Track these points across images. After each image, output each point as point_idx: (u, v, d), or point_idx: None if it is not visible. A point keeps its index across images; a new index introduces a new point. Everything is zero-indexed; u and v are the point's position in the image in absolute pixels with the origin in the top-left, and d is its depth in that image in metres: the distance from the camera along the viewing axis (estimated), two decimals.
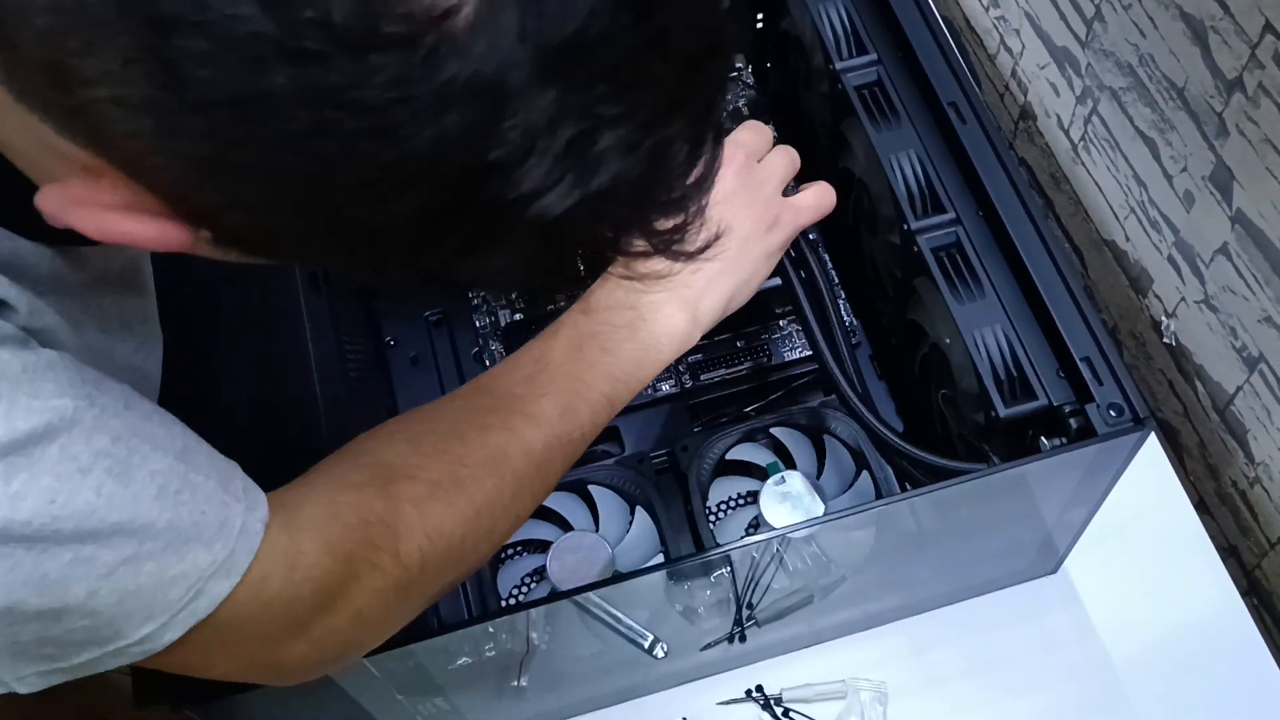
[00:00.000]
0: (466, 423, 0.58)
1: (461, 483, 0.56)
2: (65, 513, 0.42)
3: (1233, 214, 0.76)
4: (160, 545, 0.45)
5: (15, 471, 0.41)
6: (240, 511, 0.48)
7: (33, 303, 0.45)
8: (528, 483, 0.59)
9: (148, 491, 0.45)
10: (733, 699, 0.79)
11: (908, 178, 0.72)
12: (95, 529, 0.43)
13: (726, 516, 0.82)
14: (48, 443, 0.42)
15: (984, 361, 0.66)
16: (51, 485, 0.42)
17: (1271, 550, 0.84)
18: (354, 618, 0.53)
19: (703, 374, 0.87)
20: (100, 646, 0.45)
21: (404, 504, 0.54)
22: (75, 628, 0.44)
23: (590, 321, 0.64)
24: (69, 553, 0.43)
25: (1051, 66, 0.96)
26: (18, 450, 0.42)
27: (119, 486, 0.44)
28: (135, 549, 0.44)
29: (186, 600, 0.46)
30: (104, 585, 0.44)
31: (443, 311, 0.90)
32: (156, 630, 0.46)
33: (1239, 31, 0.70)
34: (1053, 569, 0.82)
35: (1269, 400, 0.79)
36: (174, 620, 0.46)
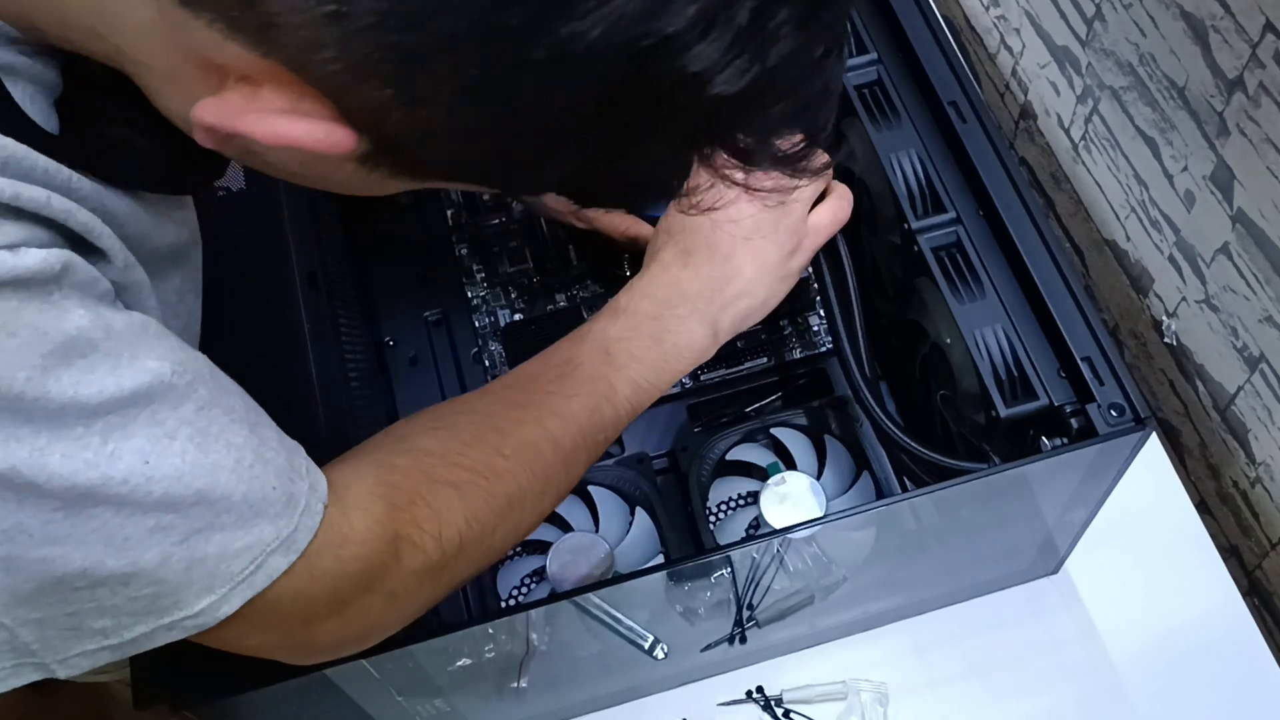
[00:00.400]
0: (501, 415, 0.60)
1: (499, 473, 0.57)
2: (156, 474, 0.43)
3: (1233, 213, 0.76)
4: (233, 517, 0.46)
5: (112, 430, 0.42)
6: (305, 489, 0.49)
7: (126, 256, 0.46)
8: (555, 478, 0.61)
9: (225, 462, 0.45)
10: (733, 700, 0.78)
11: (908, 177, 0.72)
12: (180, 495, 0.44)
13: (727, 517, 0.81)
14: (144, 405, 0.43)
15: (985, 361, 0.66)
16: (143, 447, 0.43)
17: (1272, 550, 0.84)
18: (389, 598, 0.53)
19: (703, 374, 0.87)
20: (158, 618, 0.46)
21: (447, 488, 0.55)
22: (140, 595, 0.45)
23: (618, 328, 0.66)
24: (152, 519, 0.43)
25: (1052, 66, 0.96)
26: (118, 409, 0.42)
27: (200, 455, 0.45)
28: (210, 519, 0.45)
29: (248, 573, 0.47)
30: (176, 552, 0.44)
31: (442, 311, 0.90)
32: (214, 602, 0.46)
33: (1239, 31, 0.70)
34: (1054, 569, 0.82)
35: (1270, 400, 0.79)
36: (232, 593, 0.47)
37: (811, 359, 0.87)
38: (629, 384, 0.64)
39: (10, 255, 0.39)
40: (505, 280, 0.92)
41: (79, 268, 0.42)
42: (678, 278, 0.68)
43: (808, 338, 0.88)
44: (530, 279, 0.91)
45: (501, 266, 0.92)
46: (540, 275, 0.91)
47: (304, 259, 0.71)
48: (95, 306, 0.43)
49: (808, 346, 0.87)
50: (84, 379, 0.41)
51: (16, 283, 0.39)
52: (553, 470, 0.60)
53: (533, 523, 0.61)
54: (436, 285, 0.91)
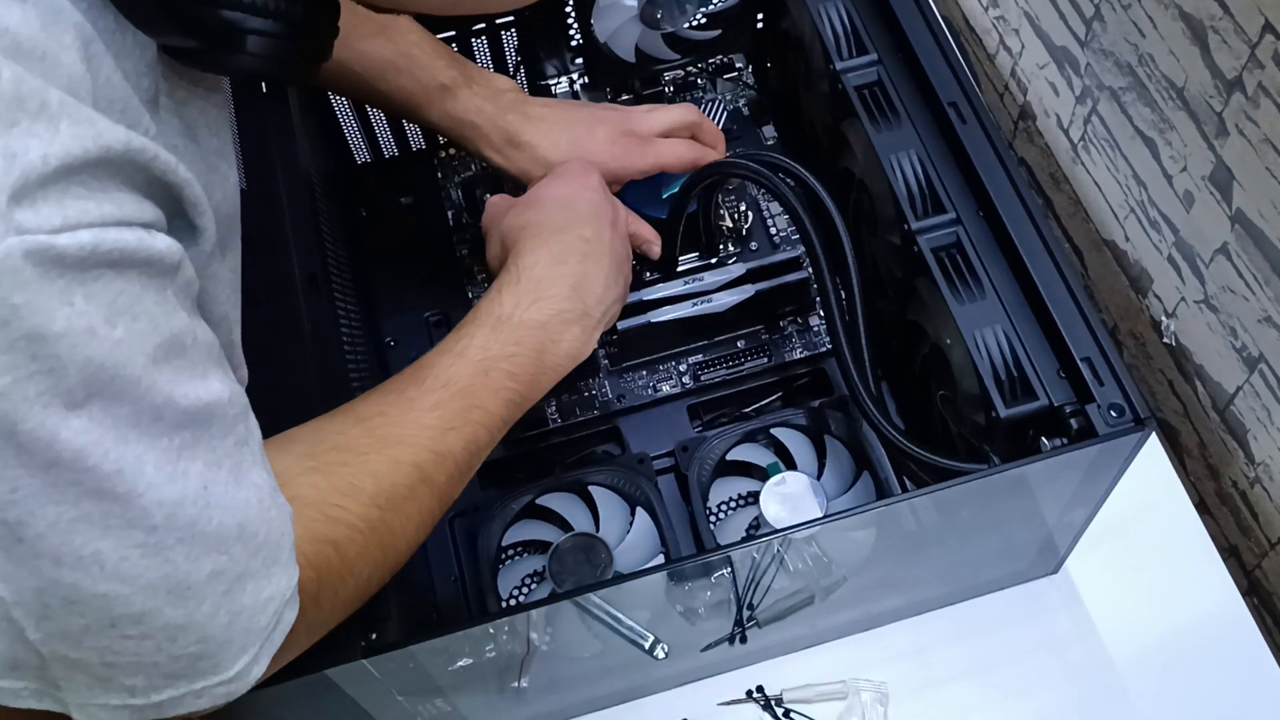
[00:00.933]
0: (378, 457, 0.57)
1: (374, 525, 0.55)
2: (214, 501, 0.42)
3: (1232, 214, 0.76)
4: (259, 561, 0.44)
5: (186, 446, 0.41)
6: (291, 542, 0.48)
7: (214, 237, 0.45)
8: (430, 517, 0.60)
9: (253, 499, 0.44)
10: (733, 699, 0.79)
11: (908, 178, 0.72)
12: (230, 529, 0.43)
13: (727, 517, 0.82)
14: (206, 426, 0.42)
15: (984, 362, 0.66)
16: (203, 471, 0.42)
17: (1272, 550, 0.84)
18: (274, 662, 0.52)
19: (703, 374, 0.87)
20: (191, 681, 0.44)
21: (325, 545, 0.53)
22: (182, 654, 0.43)
23: (499, 342, 0.64)
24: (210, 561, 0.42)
25: (1051, 66, 0.96)
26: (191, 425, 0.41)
27: (236, 489, 0.43)
28: (246, 561, 0.44)
29: (271, 626, 0.45)
30: (224, 604, 0.43)
31: (443, 312, 0.90)
32: (248, 664, 0.45)
33: (1238, 31, 0.70)
34: (1054, 569, 0.82)
35: (1269, 400, 0.79)
36: (262, 650, 0.45)
37: (812, 359, 0.87)
38: (507, 405, 0.63)
39: (147, 235, 0.38)
40: None
41: (187, 266, 0.41)
42: (556, 276, 0.68)
43: (808, 338, 0.88)
44: None
45: None
46: None
47: (305, 260, 0.72)
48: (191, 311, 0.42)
49: (808, 346, 0.87)
50: (178, 380, 0.40)
51: (146, 265, 0.38)
52: (427, 511, 0.59)
53: (407, 557, 0.60)
54: (437, 285, 0.91)
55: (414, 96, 0.78)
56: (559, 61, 0.98)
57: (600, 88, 0.99)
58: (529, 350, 0.65)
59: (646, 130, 0.82)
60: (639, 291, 0.84)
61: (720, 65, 1.01)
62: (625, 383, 0.87)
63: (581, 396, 0.86)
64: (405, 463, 0.58)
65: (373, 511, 0.55)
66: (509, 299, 0.67)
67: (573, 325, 0.67)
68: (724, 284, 0.84)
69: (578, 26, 0.93)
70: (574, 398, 0.86)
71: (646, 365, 0.87)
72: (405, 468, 0.58)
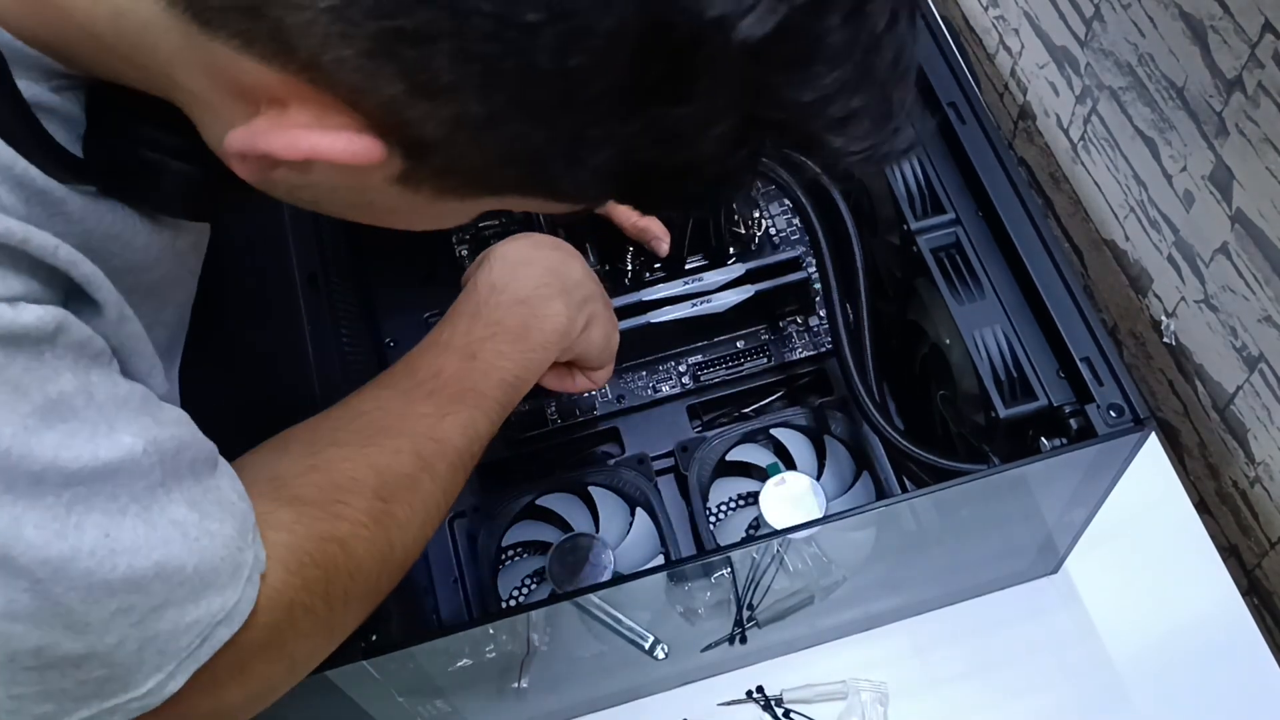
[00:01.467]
0: (376, 448, 0.57)
1: (379, 518, 0.55)
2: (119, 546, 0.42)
3: (1232, 213, 0.76)
4: (185, 590, 0.44)
5: (77, 501, 0.41)
6: (250, 559, 0.48)
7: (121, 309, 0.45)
8: (435, 508, 0.59)
9: (173, 535, 0.44)
10: (733, 700, 0.79)
11: (907, 178, 0.72)
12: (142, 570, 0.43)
13: (727, 517, 0.82)
14: (108, 480, 0.42)
15: (984, 362, 0.66)
16: (101, 521, 0.42)
17: (1272, 550, 0.84)
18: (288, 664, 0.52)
19: (703, 375, 0.87)
20: (103, 700, 0.44)
21: (331, 544, 0.53)
22: (89, 679, 0.43)
23: (482, 326, 0.64)
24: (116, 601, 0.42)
25: (1051, 66, 0.96)
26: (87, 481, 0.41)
27: (148, 530, 0.43)
28: (166, 594, 0.44)
29: (194, 647, 0.45)
30: (133, 634, 0.43)
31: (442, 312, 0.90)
32: (162, 681, 0.45)
33: (1238, 31, 0.70)
34: (1053, 569, 0.82)
35: (1269, 400, 0.79)
36: (179, 669, 0.45)
37: (811, 359, 0.87)
38: (500, 386, 0.62)
39: (9, 309, 0.38)
40: None
41: (73, 328, 0.41)
42: (532, 258, 0.67)
43: (808, 338, 0.88)
44: None
45: None
46: None
47: (304, 261, 0.72)
48: (86, 371, 0.42)
49: (808, 347, 0.87)
50: (65, 443, 0.40)
51: (8, 338, 0.39)
52: (431, 500, 0.58)
53: (415, 555, 0.59)
54: (437, 286, 0.91)
55: None
56: None
57: None
58: (514, 327, 0.64)
59: None
60: (639, 291, 0.84)
61: None
62: (625, 383, 0.87)
63: (581, 397, 0.86)
64: (405, 452, 0.57)
65: (377, 504, 0.55)
66: (484, 286, 0.66)
67: (554, 299, 0.66)
68: (724, 284, 0.84)
69: None
70: (574, 398, 0.86)
71: (646, 365, 0.87)
72: (406, 457, 0.57)
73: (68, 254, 0.41)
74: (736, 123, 0.41)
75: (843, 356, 0.74)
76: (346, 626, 0.55)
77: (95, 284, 0.43)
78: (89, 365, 0.43)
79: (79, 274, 0.42)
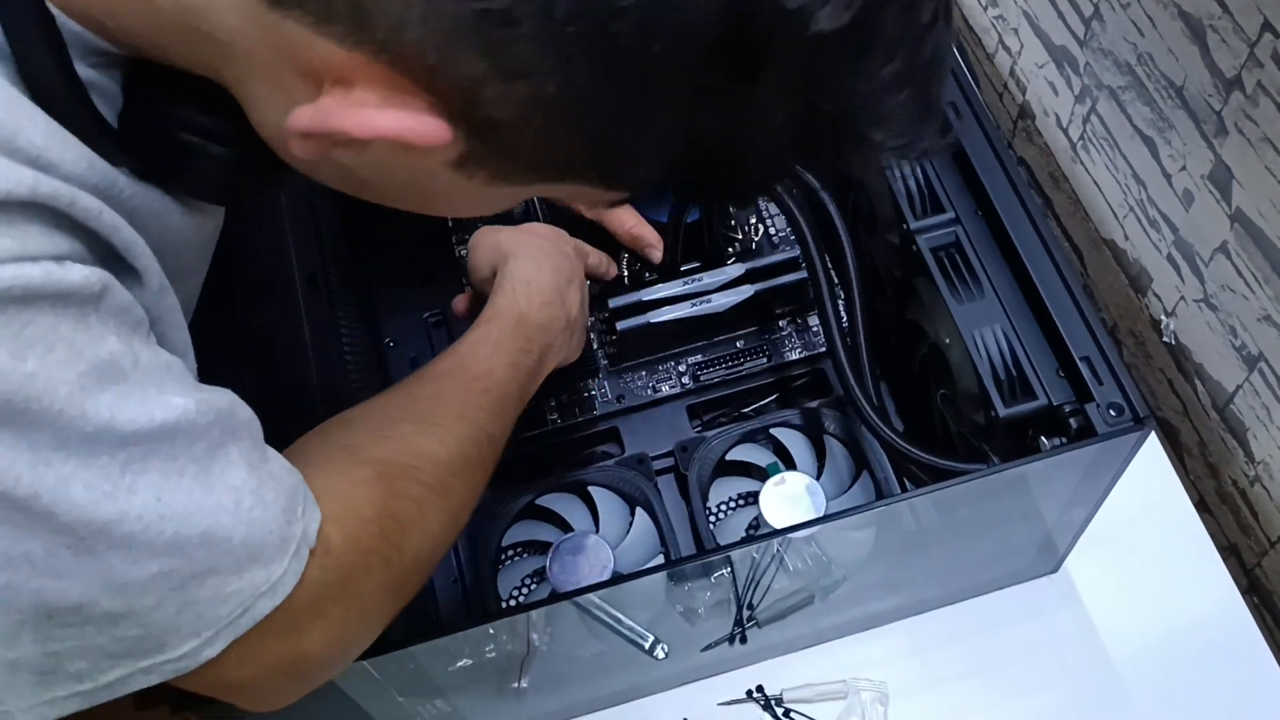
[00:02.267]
0: (445, 430, 0.60)
1: (449, 489, 0.58)
2: (169, 512, 0.42)
3: (1232, 212, 0.76)
4: (230, 560, 0.45)
5: (132, 462, 0.41)
6: (298, 533, 0.48)
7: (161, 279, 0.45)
8: (477, 495, 0.62)
9: (226, 503, 0.44)
10: (733, 699, 0.79)
11: (906, 178, 0.72)
12: (188, 537, 0.43)
13: (727, 517, 0.82)
14: (165, 440, 0.42)
15: (983, 361, 0.66)
16: (157, 482, 0.42)
17: (1272, 549, 0.84)
18: (360, 612, 0.53)
19: (702, 375, 0.87)
20: (137, 660, 0.44)
21: (409, 503, 0.55)
22: (125, 636, 0.43)
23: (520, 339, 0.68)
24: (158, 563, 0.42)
25: (1050, 65, 0.96)
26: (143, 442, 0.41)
27: (205, 495, 0.44)
28: (210, 562, 0.44)
29: (234, 617, 0.46)
30: (172, 596, 0.43)
31: (442, 312, 0.90)
32: (198, 646, 0.45)
33: (1237, 30, 0.70)
34: (1053, 568, 0.82)
35: (1269, 399, 0.79)
36: (218, 636, 0.45)
37: (811, 359, 0.87)
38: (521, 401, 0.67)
39: (57, 267, 0.39)
40: None
41: (116, 292, 0.42)
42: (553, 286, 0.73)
43: (807, 338, 0.88)
44: None
45: None
46: None
47: (304, 261, 0.72)
48: (128, 336, 0.42)
49: (807, 346, 0.87)
50: (119, 405, 0.40)
51: (56, 297, 0.39)
52: (479, 486, 0.62)
53: (455, 537, 0.61)
54: (436, 286, 0.91)
55: None
56: None
57: None
58: (536, 349, 0.69)
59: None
60: (639, 292, 0.84)
61: None
62: (625, 383, 0.87)
63: (581, 397, 0.86)
64: (469, 439, 0.61)
65: (447, 477, 0.58)
66: (523, 299, 0.70)
67: (562, 332, 0.72)
68: (723, 284, 0.84)
69: None
70: (574, 398, 0.86)
71: (646, 366, 0.87)
72: (469, 442, 0.60)
73: (111, 219, 0.41)
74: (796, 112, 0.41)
75: (838, 362, 0.74)
76: (413, 587, 0.57)
77: (137, 251, 0.43)
78: (130, 332, 0.43)
79: (120, 239, 0.42)
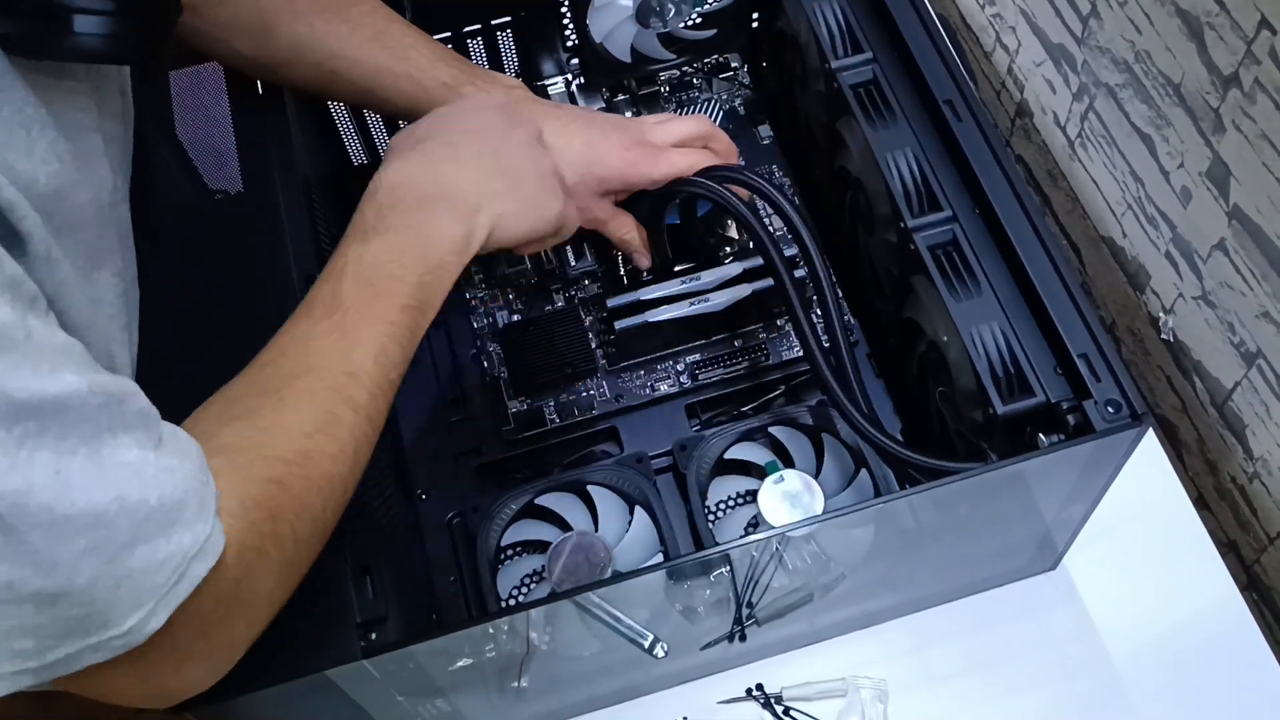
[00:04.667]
0: (290, 389, 0.57)
1: (309, 455, 0.56)
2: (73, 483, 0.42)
3: (1230, 209, 0.76)
4: (153, 525, 0.45)
5: (28, 436, 0.41)
6: (214, 493, 0.48)
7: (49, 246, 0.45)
8: (363, 436, 0.59)
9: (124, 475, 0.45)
10: (733, 698, 0.79)
11: (904, 176, 0.72)
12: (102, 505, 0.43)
13: (725, 516, 0.82)
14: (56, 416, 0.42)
15: (981, 359, 0.66)
16: (51, 460, 0.42)
17: (1270, 545, 0.84)
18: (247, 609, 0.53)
19: (701, 374, 0.87)
20: (83, 638, 0.45)
21: (269, 484, 0.53)
22: (67, 616, 0.44)
23: (373, 251, 0.63)
24: (82, 539, 0.42)
25: (1048, 63, 0.96)
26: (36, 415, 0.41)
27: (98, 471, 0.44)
28: (133, 529, 0.44)
29: (171, 583, 0.46)
30: (105, 570, 0.44)
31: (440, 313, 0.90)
32: (143, 618, 0.46)
33: (1235, 27, 0.70)
34: (1052, 566, 0.82)
35: (1267, 395, 0.79)
36: (159, 605, 0.46)
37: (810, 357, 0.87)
38: (403, 311, 0.62)
39: None
40: (503, 281, 0.92)
41: (5, 263, 0.41)
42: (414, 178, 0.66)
43: None
44: (528, 279, 0.92)
45: (499, 267, 0.92)
46: (538, 276, 0.92)
47: (302, 262, 0.72)
48: (23, 311, 0.42)
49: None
50: (9, 374, 0.40)
51: None
52: (357, 430, 0.59)
53: (354, 485, 0.60)
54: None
55: (415, 98, 0.77)
56: (555, 62, 0.98)
57: (596, 88, 0.99)
58: (409, 253, 0.64)
59: (660, 140, 0.80)
60: (636, 291, 0.84)
61: (716, 65, 1.01)
62: (623, 382, 0.87)
63: (579, 396, 0.86)
64: (320, 390, 0.58)
65: (304, 442, 0.56)
66: (370, 211, 0.65)
67: (442, 217, 0.66)
68: (721, 283, 0.84)
69: (573, 27, 0.93)
70: (572, 398, 0.86)
71: (644, 365, 0.87)
72: (321, 394, 0.58)
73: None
74: None
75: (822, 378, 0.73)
76: (302, 563, 0.56)
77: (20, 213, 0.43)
78: (25, 308, 0.42)
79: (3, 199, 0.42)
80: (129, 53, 0.49)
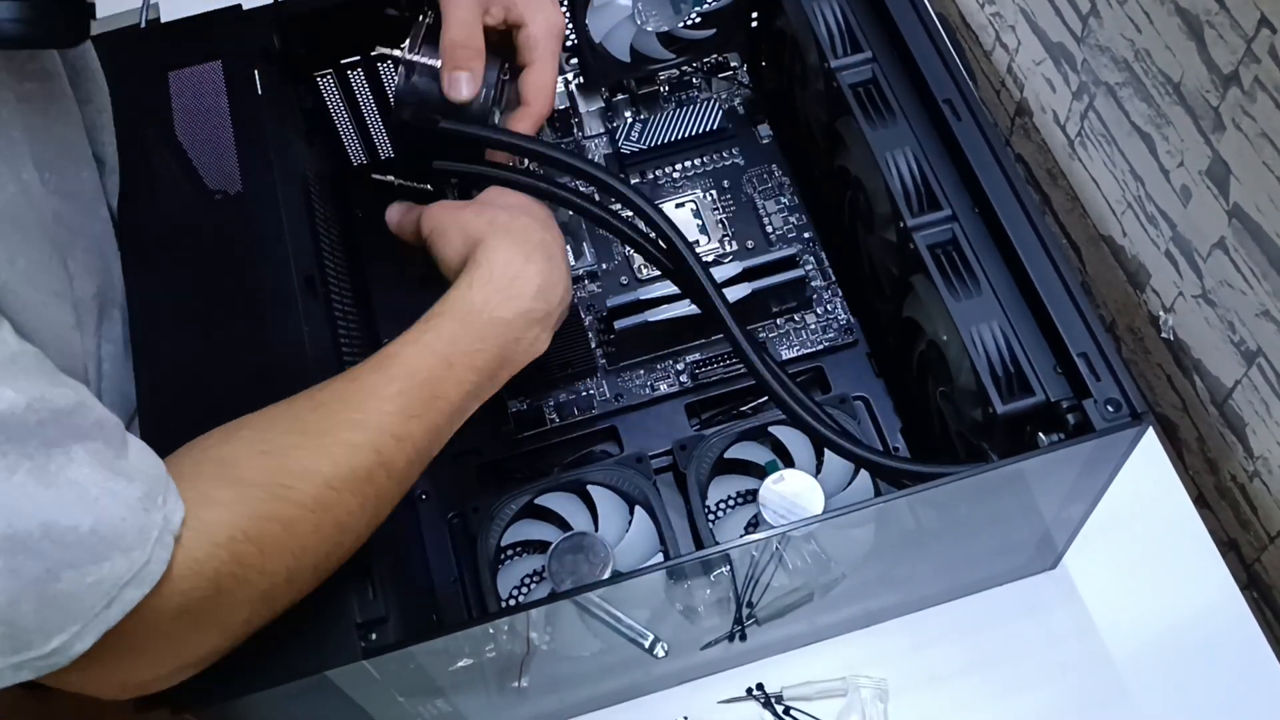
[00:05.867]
0: (334, 440, 0.58)
1: (327, 504, 0.56)
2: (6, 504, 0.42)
3: (1230, 208, 0.76)
4: (83, 551, 0.44)
5: None
6: (159, 520, 0.48)
7: None
8: (388, 498, 0.60)
9: (68, 496, 0.44)
10: (733, 697, 0.79)
11: (904, 175, 0.72)
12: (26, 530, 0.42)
13: (726, 515, 0.82)
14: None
15: (981, 358, 0.66)
16: None
17: (1271, 544, 0.84)
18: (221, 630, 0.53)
19: (701, 373, 0.87)
20: (5, 656, 0.44)
21: (273, 524, 0.54)
22: None
23: (466, 337, 0.64)
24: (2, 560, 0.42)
25: (1047, 62, 0.96)
26: None
27: (40, 488, 0.43)
28: (59, 554, 0.44)
29: (101, 607, 0.46)
30: (27, 593, 0.43)
31: None
32: (68, 641, 0.45)
33: (1234, 26, 0.70)
34: (1052, 565, 0.82)
35: (1267, 394, 0.79)
36: (86, 629, 0.45)
37: (809, 356, 0.87)
38: (469, 397, 0.64)
39: None
40: None
41: None
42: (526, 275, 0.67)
43: (805, 335, 0.88)
44: None
45: None
46: None
47: (301, 262, 0.72)
48: None
49: (805, 344, 0.88)
50: None
51: None
52: (385, 492, 0.60)
53: (369, 535, 0.60)
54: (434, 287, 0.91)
55: None
56: None
57: (595, 88, 0.99)
58: (494, 347, 0.66)
59: None
60: (637, 290, 0.84)
61: (715, 65, 1.01)
62: (623, 382, 0.87)
63: (579, 396, 0.86)
64: (363, 446, 0.58)
65: (328, 493, 0.56)
66: (479, 295, 0.66)
67: (535, 325, 0.68)
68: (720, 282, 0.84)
69: (573, 27, 0.93)
70: (572, 398, 0.86)
71: (644, 365, 0.87)
72: (364, 451, 0.58)
73: None
74: None
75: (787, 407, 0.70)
76: (289, 599, 0.57)
77: None
78: None
79: None
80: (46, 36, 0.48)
